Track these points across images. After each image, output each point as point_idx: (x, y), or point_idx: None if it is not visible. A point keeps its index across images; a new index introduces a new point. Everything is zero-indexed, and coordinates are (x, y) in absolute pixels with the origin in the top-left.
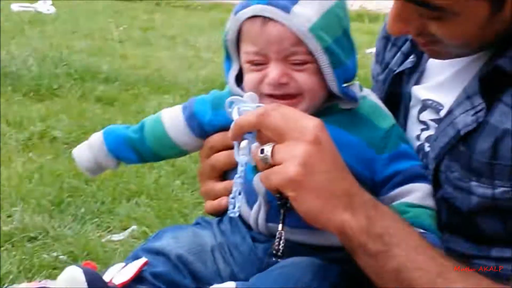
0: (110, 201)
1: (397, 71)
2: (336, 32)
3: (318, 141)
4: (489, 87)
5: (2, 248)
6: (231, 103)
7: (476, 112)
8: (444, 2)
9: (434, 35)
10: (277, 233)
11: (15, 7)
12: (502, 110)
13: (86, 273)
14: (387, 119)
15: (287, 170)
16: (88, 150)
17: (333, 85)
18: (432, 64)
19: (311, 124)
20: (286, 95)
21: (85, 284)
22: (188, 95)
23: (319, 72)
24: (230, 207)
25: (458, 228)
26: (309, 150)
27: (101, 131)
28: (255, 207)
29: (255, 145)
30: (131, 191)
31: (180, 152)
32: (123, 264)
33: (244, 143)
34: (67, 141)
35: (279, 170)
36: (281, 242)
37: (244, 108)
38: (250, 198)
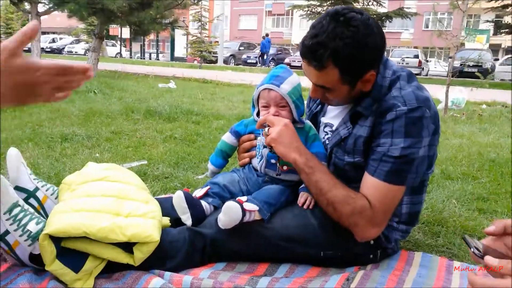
0: (198, 163)
1: (315, 111)
2: (297, 95)
3: (286, 126)
4: (353, 118)
5: (155, 182)
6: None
7: (348, 129)
8: (329, 87)
9: (328, 98)
10: (276, 174)
11: (160, 85)
12: (358, 128)
13: (184, 192)
14: (313, 131)
15: (272, 136)
16: (210, 171)
17: (295, 116)
18: (329, 108)
19: (284, 120)
20: None
21: (183, 196)
22: (228, 120)
23: (290, 111)
24: (254, 161)
25: (339, 175)
26: (281, 129)
27: (213, 163)
28: (261, 162)
29: (266, 129)
30: (206, 159)
31: (234, 148)
32: (200, 188)
33: (259, 138)
34: (180, 138)
35: (269, 136)
36: (279, 177)
37: (263, 139)
38: (259, 158)
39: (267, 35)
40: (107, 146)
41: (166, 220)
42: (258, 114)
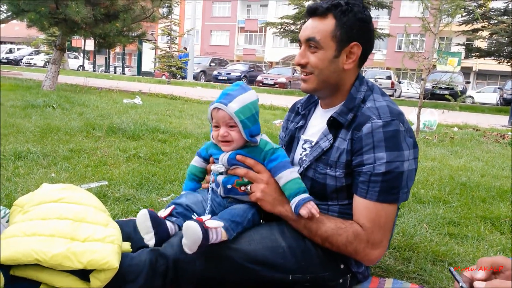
0: (163, 184)
1: (296, 127)
2: (247, 114)
3: (268, 183)
4: (332, 127)
5: (115, 204)
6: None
7: (329, 140)
8: (318, 38)
9: (310, 65)
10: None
11: (125, 101)
12: (339, 141)
13: (149, 210)
14: (269, 145)
15: (257, 196)
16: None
17: (244, 136)
18: (310, 125)
19: (265, 177)
20: (226, 141)
21: (147, 214)
22: (197, 139)
23: (240, 131)
24: (211, 186)
25: (317, 192)
26: (264, 187)
27: (184, 188)
28: (220, 188)
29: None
30: (172, 179)
31: (205, 171)
32: (164, 209)
33: (213, 166)
34: (146, 157)
35: (254, 195)
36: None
37: (217, 167)
38: (217, 185)
39: (185, 48)
40: (64, 165)
41: (127, 246)
42: None
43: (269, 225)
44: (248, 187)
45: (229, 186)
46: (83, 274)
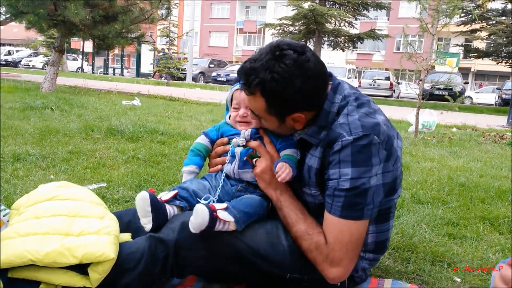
0: (162, 185)
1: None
2: None
3: (271, 163)
4: (302, 146)
5: (114, 206)
6: (235, 136)
7: (297, 155)
8: (257, 114)
9: (264, 125)
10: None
11: (123, 102)
12: (309, 157)
13: (149, 194)
14: None
15: (256, 171)
16: (186, 173)
17: None
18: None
19: (270, 156)
20: (244, 122)
21: (148, 199)
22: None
23: None
24: (226, 167)
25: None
26: (265, 166)
27: (188, 163)
28: (233, 163)
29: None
30: (171, 181)
31: (209, 151)
32: (168, 191)
33: (234, 140)
34: (144, 159)
35: (255, 170)
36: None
37: (239, 140)
38: (231, 160)
39: (157, 50)
40: (63, 167)
41: (128, 236)
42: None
43: (274, 221)
44: (255, 160)
45: (244, 158)
46: (81, 269)
